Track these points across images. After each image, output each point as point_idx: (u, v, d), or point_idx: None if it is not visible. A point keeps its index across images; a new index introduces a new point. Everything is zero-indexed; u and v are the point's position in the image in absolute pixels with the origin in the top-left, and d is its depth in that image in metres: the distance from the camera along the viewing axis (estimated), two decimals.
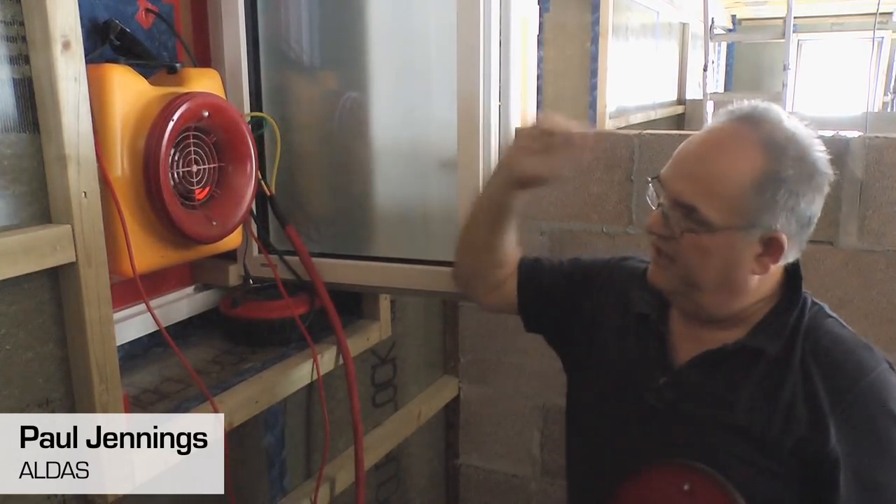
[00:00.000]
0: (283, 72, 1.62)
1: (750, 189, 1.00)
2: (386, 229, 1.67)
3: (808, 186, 1.02)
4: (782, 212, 1.01)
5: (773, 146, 1.01)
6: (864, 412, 1.01)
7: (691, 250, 1.05)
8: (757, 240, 1.03)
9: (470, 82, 1.43)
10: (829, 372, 1.03)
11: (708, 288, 1.07)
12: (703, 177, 1.03)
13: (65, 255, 0.99)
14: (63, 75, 0.95)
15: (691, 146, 1.06)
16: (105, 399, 1.06)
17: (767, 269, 1.05)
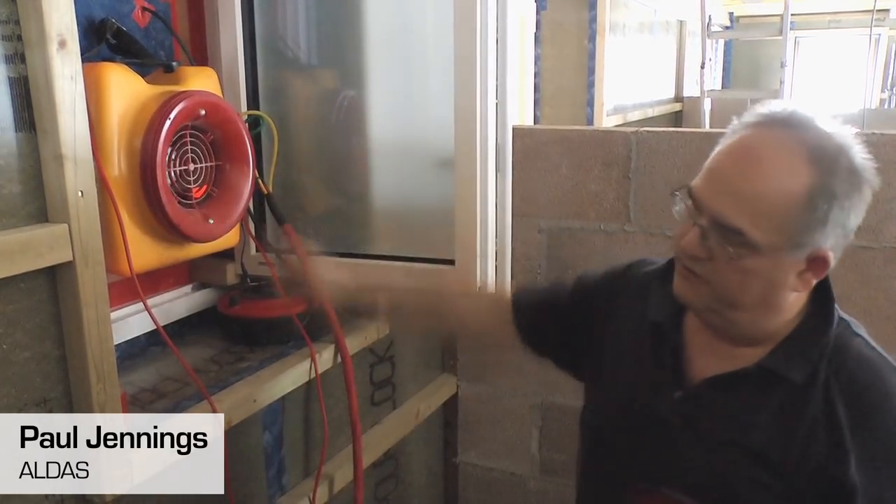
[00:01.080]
0: (280, 70, 1.62)
1: (800, 208, 0.90)
2: (383, 227, 1.67)
3: (859, 199, 0.93)
4: (833, 229, 0.92)
5: (823, 158, 0.91)
6: (886, 440, 0.95)
7: (733, 272, 0.95)
8: (803, 259, 0.94)
9: (467, 81, 1.43)
10: (852, 397, 0.96)
11: (746, 308, 0.99)
12: (748, 195, 0.92)
13: (62, 255, 0.99)
14: (59, 74, 0.95)
15: (730, 159, 0.95)
16: (103, 398, 1.05)
17: (810, 285, 0.98)
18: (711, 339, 1.06)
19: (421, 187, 1.62)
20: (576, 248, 1.94)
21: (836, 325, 1.02)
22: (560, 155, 1.92)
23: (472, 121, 1.45)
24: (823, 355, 0.99)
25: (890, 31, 6.68)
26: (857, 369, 0.98)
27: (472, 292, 1.37)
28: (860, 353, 1.00)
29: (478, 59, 1.41)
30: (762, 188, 0.92)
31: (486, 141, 1.46)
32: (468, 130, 1.46)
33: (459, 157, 1.47)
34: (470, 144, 1.46)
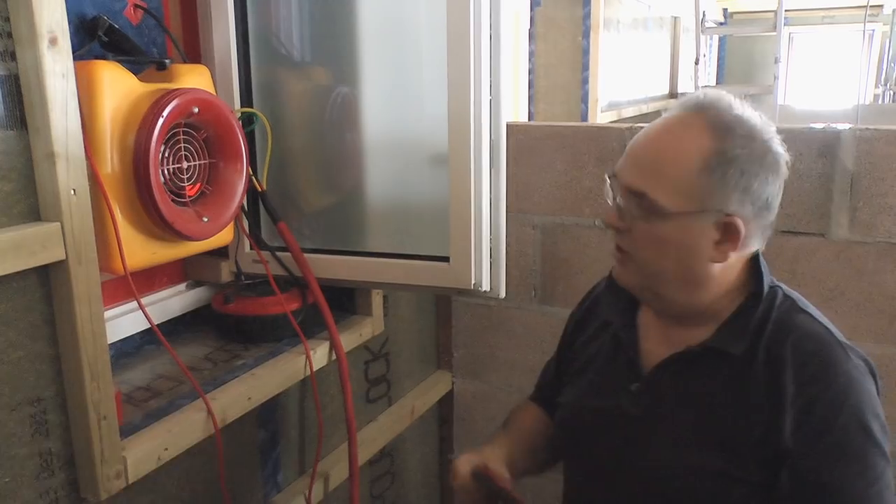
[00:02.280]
0: (273, 67, 1.62)
1: (698, 171, 0.98)
2: (378, 224, 1.66)
3: (760, 166, 0.99)
4: (734, 192, 0.98)
5: (720, 127, 0.99)
6: (825, 409, 0.98)
7: (647, 241, 1.03)
8: (712, 225, 1.00)
9: (460, 77, 1.43)
10: (796, 367, 1.00)
11: (668, 279, 1.05)
12: (651, 162, 1.02)
13: (54, 253, 0.99)
14: (50, 71, 0.95)
15: (641, 137, 1.05)
16: (97, 397, 1.05)
17: (727, 256, 1.02)
18: (663, 328, 1.12)
19: (415, 184, 1.62)
20: (570, 244, 1.95)
21: (780, 300, 1.06)
22: (554, 151, 1.92)
23: (465, 117, 1.45)
24: (764, 327, 1.03)
25: (883, 27, 6.68)
26: (801, 341, 1.02)
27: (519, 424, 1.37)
28: (805, 326, 1.03)
29: (471, 55, 1.41)
30: (664, 156, 1.01)
31: (481, 137, 1.46)
32: (462, 127, 1.45)
33: (453, 153, 1.47)
34: (464, 141, 1.46)
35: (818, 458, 0.97)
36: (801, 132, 1.67)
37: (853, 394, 0.98)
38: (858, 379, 1.00)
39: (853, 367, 1.01)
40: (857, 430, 0.97)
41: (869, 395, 1.00)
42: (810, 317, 1.05)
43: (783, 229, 1.73)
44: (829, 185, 1.66)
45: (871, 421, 0.98)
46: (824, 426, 0.97)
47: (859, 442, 0.98)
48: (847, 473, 0.97)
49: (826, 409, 0.97)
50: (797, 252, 1.73)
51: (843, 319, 1.72)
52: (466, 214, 1.49)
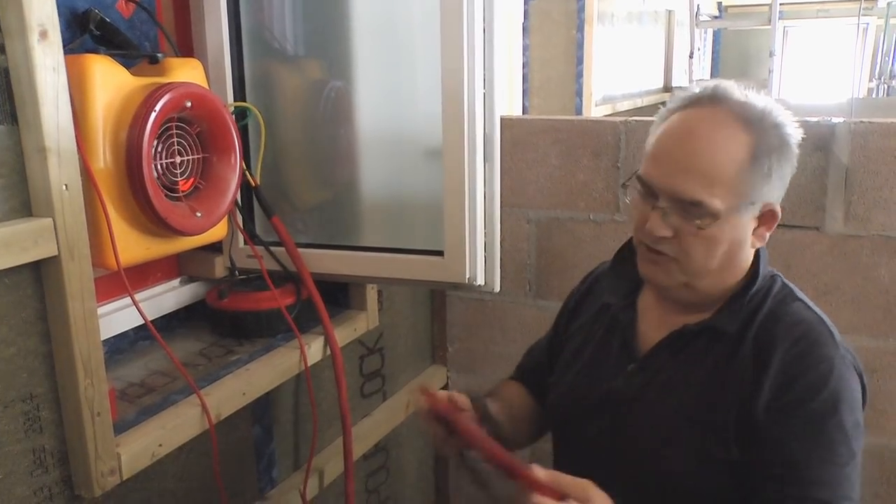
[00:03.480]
0: (266, 61, 1.61)
1: (743, 166, 0.99)
2: (372, 219, 1.66)
3: (791, 152, 1.03)
4: (776, 181, 1.02)
5: (752, 119, 1.01)
6: (803, 390, 1.00)
7: (700, 243, 1.02)
8: (755, 213, 1.03)
9: (454, 71, 1.42)
10: (784, 348, 1.02)
11: (711, 272, 1.06)
12: (699, 169, 1.00)
13: (47, 249, 0.98)
14: (41, 65, 0.94)
15: (672, 141, 1.03)
16: (90, 393, 1.05)
17: (764, 238, 1.07)
18: (662, 312, 1.14)
19: (409, 178, 1.61)
20: (565, 239, 1.95)
21: (778, 288, 1.09)
22: (549, 145, 1.92)
23: (459, 111, 1.44)
24: (760, 309, 1.06)
25: (878, 21, 6.68)
26: (794, 325, 1.04)
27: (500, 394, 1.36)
28: (799, 313, 1.06)
29: (465, 48, 1.40)
30: (710, 159, 1.00)
31: (474, 131, 1.45)
32: (456, 121, 1.45)
33: (447, 147, 1.46)
34: (458, 135, 1.45)
35: (785, 433, 1.00)
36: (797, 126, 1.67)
37: (833, 381, 1.00)
38: (841, 370, 1.02)
39: (839, 358, 1.03)
40: (829, 416, 1.00)
41: (849, 388, 1.02)
42: (805, 305, 1.08)
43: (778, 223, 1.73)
44: (824, 178, 1.66)
45: (844, 412, 1.00)
46: (798, 405, 1.00)
47: (829, 428, 0.99)
48: (812, 454, 0.99)
49: (803, 390, 1.00)
50: (792, 246, 1.73)
51: (838, 313, 1.72)
52: (460, 209, 1.48)
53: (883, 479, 1.76)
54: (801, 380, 1.00)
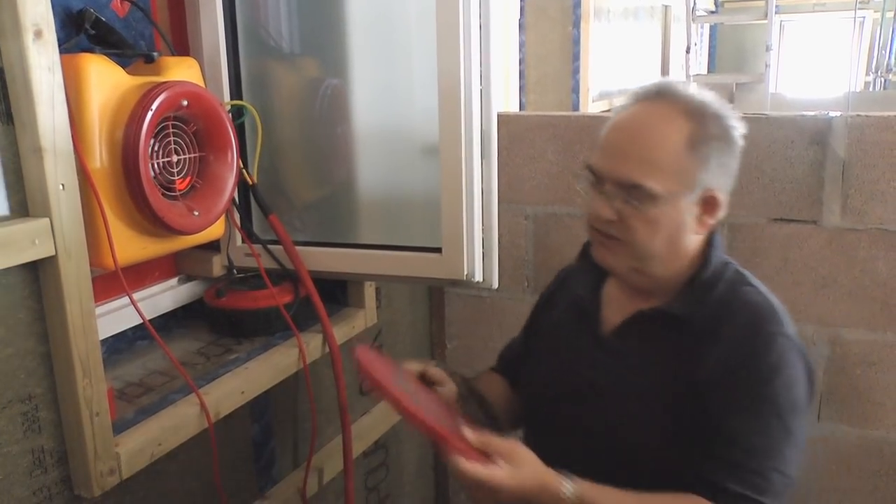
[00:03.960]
0: (262, 59, 1.60)
1: (684, 151, 1.05)
2: (369, 216, 1.66)
3: (732, 141, 1.08)
4: (715, 168, 1.07)
5: (693, 109, 1.07)
6: (742, 362, 1.05)
7: (641, 226, 1.08)
8: (697, 199, 1.08)
9: (450, 67, 1.42)
10: (732, 326, 1.08)
11: (657, 257, 1.11)
12: (637, 152, 1.07)
13: (44, 249, 0.98)
14: (36, 65, 0.94)
15: (617, 131, 1.11)
16: (89, 393, 1.05)
17: (707, 226, 1.11)
18: (624, 300, 1.19)
19: (406, 175, 1.61)
20: (562, 234, 1.95)
21: (731, 273, 1.14)
22: (546, 141, 1.92)
23: (456, 108, 1.44)
24: (711, 292, 1.12)
25: (874, 14, 6.68)
26: (745, 305, 1.10)
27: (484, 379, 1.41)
28: (750, 296, 1.11)
29: (461, 45, 1.40)
30: (649, 145, 1.07)
31: (471, 128, 1.45)
32: (453, 117, 1.44)
33: (444, 144, 1.46)
34: (455, 131, 1.45)
35: (723, 404, 1.04)
36: (793, 120, 1.67)
37: (772, 357, 1.05)
38: (784, 349, 1.06)
39: (783, 338, 1.07)
40: (763, 388, 1.04)
41: (788, 366, 1.06)
42: (757, 290, 1.13)
43: (775, 217, 1.74)
44: (821, 172, 1.66)
45: (779, 387, 1.04)
46: (736, 377, 1.05)
47: (761, 400, 1.04)
48: (745, 424, 1.04)
49: (743, 364, 1.05)
50: (789, 239, 1.73)
51: (835, 306, 1.72)
52: (458, 205, 1.48)
53: (882, 472, 1.76)
54: (742, 354, 1.06)
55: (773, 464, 1.03)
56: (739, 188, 1.74)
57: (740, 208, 1.76)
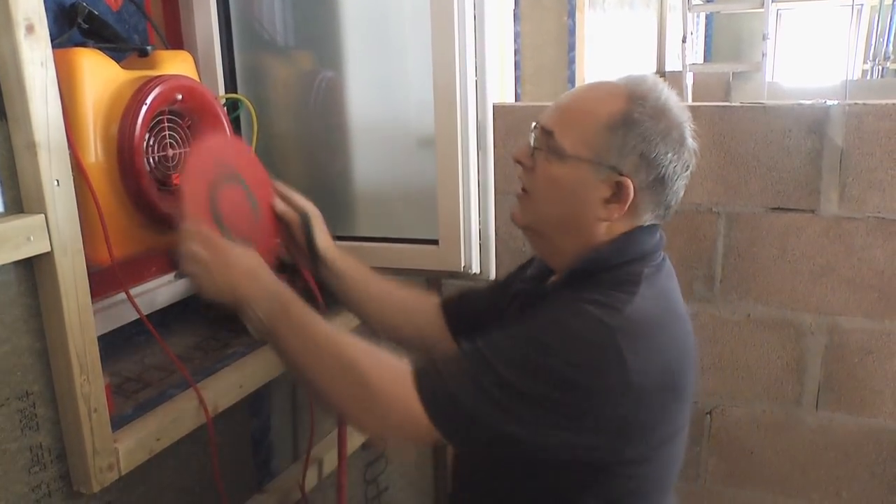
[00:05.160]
0: (257, 52, 1.60)
1: (603, 125, 1.05)
2: (366, 209, 1.66)
3: (662, 139, 1.05)
4: (630, 155, 1.05)
5: (636, 95, 1.07)
6: (534, 323, 1.02)
7: (544, 180, 1.09)
8: (604, 180, 1.06)
9: (445, 59, 1.42)
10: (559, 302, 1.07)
11: (554, 223, 1.11)
12: (567, 109, 1.10)
13: (39, 246, 0.97)
14: (28, 60, 0.93)
15: (567, 93, 1.14)
16: (87, 390, 1.04)
17: (612, 216, 1.08)
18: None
19: (402, 168, 1.61)
20: None
21: (625, 274, 1.07)
22: None
23: (451, 99, 1.44)
24: (583, 282, 1.08)
25: (872, 2, 6.67)
26: (591, 299, 1.02)
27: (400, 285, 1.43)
28: (612, 299, 1.02)
29: (456, 36, 1.40)
30: (579, 105, 1.10)
31: (467, 119, 1.45)
32: (448, 109, 1.44)
33: (440, 136, 1.46)
34: (450, 123, 1.45)
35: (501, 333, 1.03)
36: (791, 109, 1.67)
37: (563, 327, 0.99)
38: (582, 329, 0.99)
39: (596, 329, 0.98)
40: (523, 335, 1.01)
41: (572, 340, 0.98)
42: (632, 302, 1.02)
43: (773, 206, 1.73)
44: (819, 161, 1.66)
45: (537, 346, 0.98)
46: (516, 329, 1.02)
47: (511, 340, 1.01)
48: (487, 340, 1.02)
49: (534, 324, 1.02)
50: (787, 229, 1.73)
51: (833, 295, 1.72)
52: (454, 197, 1.48)
53: (880, 460, 1.76)
54: (541, 318, 1.04)
55: (455, 380, 0.99)
56: (736, 178, 1.75)
57: (738, 198, 1.75)
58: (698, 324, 1.87)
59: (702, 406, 1.90)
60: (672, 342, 1.06)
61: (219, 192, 1.23)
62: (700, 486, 1.95)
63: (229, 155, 1.30)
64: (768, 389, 1.84)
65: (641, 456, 1.06)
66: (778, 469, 1.87)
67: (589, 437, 1.00)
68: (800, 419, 1.82)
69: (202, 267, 1.11)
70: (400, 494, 2.10)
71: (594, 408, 0.98)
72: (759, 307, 1.81)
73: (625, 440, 1.02)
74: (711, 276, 1.83)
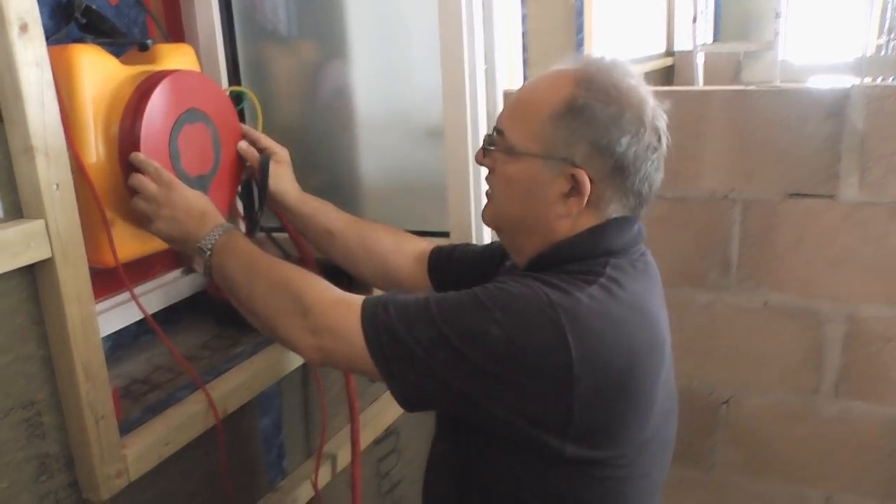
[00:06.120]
0: (260, 43, 1.56)
1: (548, 116, 1.00)
2: (374, 201, 1.62)
3: (613, 123, 0.98)
4: (580, 143, 0.99)
5: (584, 79, 1.01)
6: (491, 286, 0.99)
7: (501, 180, 1.06)
8: (559, 174, 1.00)
9: (453, 46, 1.38)
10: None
11: (515, 222, 1.08)
12: (516, 104, 1.06)
13: (39, 252, 0.94)
14: (22, 61, 0.89)
15: (520, 87, 1.10)
16: (92, 398, 1.02)
17: (572, 210, 1.02)
18: None
19: (411, 158, 1.58)
20: None
21: (590, 268, 1.01)
22: None
23: (460, 87, 1.40)
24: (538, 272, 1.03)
25: None
26: (549, 282, 0.98)
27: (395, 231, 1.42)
28: (574, 287, 0.97)
29: (464, 21, 1.36)
30: (527, 98, 1.05)
31: (476, 108, 1.41)
32: (457, 98, 1.41)
33: (449, 125, 1.42)
34: (459, 112, 1.41)
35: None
36: (809, 92, 1.63)
37: (509, 296, 0.96)
38: (531, 312, 0.94)
39: (539, 303, 0.94)
40: (467, 295, 0.98)
41: (519, 321, 0.93)
42: (585, 290, 0.97)
43: (790, 192, 1.70)
44: (838, 145, 1.62)
45: (473, 308, 0.95)
46: (470, 290, 0.99)
47: (456, 298, 0.98)
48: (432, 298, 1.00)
49: (482, 289, 0.98)
50: (805, 216, 1.70)
51: (851, 282, 1.69)
52: (465, 188, 1.45)
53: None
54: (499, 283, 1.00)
55: (400, 318, 0.98)
56: (752, 164, 1.71)
57: (753, 184, 1.72)
58: (713, 313, 1.84)
59: (717, 396, 1.87)
60: (627, 341, 0.97)
61: (181, 130, 1.24)
62: (715, 476, 1.92)
63: (199, 93, 1.27)
64: (785, 379, 1.81)
65: (588, 458, 0.99)
66: (795, 459, 1.84)
67: (518, 414, 0.95)
68: (817, 409, 1.80)
69: (151, 202, 1.14)
70: (413, 487, 2.09)
71: (526, 386, 0.93)
72: (775, 295, 1.77)
73: (566, 435, 0.95)
74: (727, 265, 1.79)
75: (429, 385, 0.97)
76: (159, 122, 1.19)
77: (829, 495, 1.83)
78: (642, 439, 1.03)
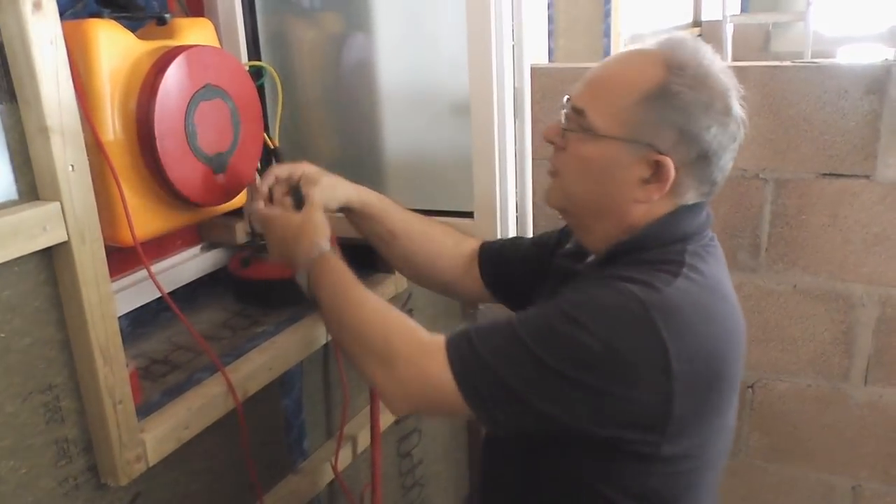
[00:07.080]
0: (280, 16, 1.52)
1: (637, 100, 0.97)
2: (397, 179, 1.59)
3: (704, 111, 0.96)
4: (669, 130, 0.96)
5: (674, 63, 0.97)
6: (568, 296, 0.97)
7: (576, 159, 1.02)
8: (641, 159, 0.98)
9: (480, 19, 1.33)
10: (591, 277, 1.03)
11: (587, 204, 1.04)
12: (598, 83, 1.02)
13: (56, 235, 0.92)
14: (37, 39, 0.86)
15: (599, 65, 1.05)
16: (111, 382, 1.00)
17: (651, 197, 1.00)
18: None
19: (435, 135, 1.54)
20: None
21: (671, 259, 0.98)
22: None
23: (487, 62, 1.36)
24: (615, 262, 1.02)
25: None
26: (632, 278, 0.95)
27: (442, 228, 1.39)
28: (659, 280, 0.94)
29: None
30: (610, 79, 1.01)
31: (503, 83, 1.37)
32: (484, 74, 1.36)
33: (475, 103, 1.38)
34: (486, 88, 1.37)
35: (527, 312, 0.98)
36: (848, 68, 1.57)
37: (597, 303, 0.93)
38: (623, 315, 0.91)
39: (630, 304, 0.91)
40: (558, 310, 0.94)
41: (613, 328, 0.91)
42: (673, 283, 0.94)
43: (824, 171, 1.64)
44: (877, 123, 1.56)
45: (570, 323, 0.91)
46: (549, 306, 0.97)
47: (545, 317, 0.95)
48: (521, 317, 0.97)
49: (565, 299, 0.96)
50: (839, 195, 1.65)
51: (887, 265, 1.64)
52: (490, 167, 1.41)
53: None
54: (576, 293, 0.98)
55: (488, 352, 0.94)
56: (785, 142, 1.65)
57: (786, 163, 1.66)
58: (742, 294, 1.79)
59: (744, 379, 1.83)
60: (719, 329, 0.97)
61: (198, 107, 1.21)
62: (741, 460, 1.90)
63: (216, 69, 1.24)
64: (814, 363, 1.77)
65: (684, 452, 0.99)
66: (823, 445, 1.81)
67: (623, 425, 0.93)
68: (847, 394, 1.76)
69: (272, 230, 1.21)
70: (434, 466, 2.08)
71: (630, 395, 0.91)
72: (806, 277, 1.73)
73: (664, 433, 0.94)
74: (757, 245, 1.75)
75: (528, 419, 0.94)
76: (174, 100, 1.16)
77: (856, 483, 1.80)
78: (718, 426, 1.03)
